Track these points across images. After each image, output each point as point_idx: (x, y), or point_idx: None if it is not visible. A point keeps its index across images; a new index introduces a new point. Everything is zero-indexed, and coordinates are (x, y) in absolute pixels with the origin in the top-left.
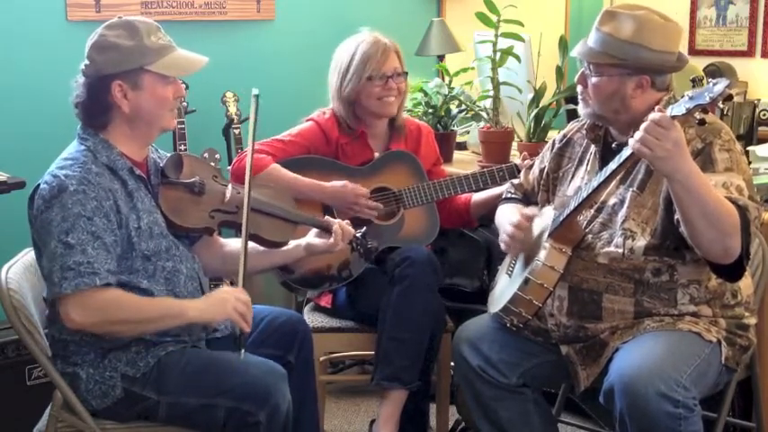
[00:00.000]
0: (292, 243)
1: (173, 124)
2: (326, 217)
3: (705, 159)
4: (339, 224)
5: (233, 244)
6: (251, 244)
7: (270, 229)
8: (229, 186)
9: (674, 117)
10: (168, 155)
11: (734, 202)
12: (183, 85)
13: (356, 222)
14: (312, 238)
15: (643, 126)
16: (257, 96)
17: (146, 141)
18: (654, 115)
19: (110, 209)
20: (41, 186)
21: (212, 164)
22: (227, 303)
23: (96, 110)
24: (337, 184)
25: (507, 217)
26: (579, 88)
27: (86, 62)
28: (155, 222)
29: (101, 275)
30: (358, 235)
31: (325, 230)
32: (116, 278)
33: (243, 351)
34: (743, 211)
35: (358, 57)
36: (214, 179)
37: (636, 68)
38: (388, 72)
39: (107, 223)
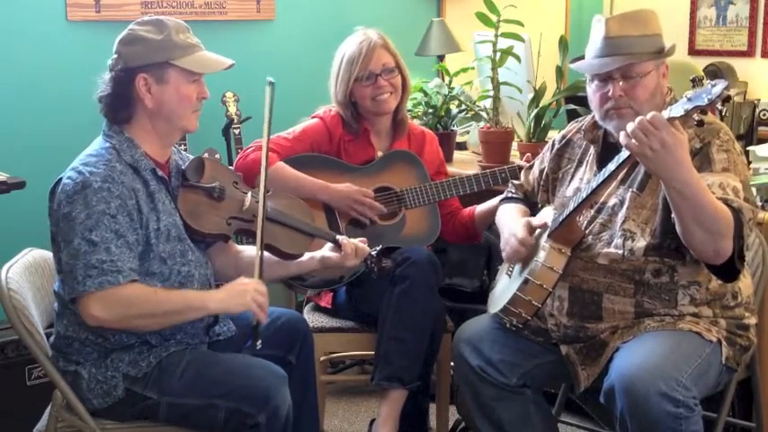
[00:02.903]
0: (307, 255)
1: (194, 125)
2: (340, 237)
3: (703, 159)
4: (353, 243)
5: (248, 251)
6: (267, 254)
7: (286, 241)
8: (249, 194)
9: (672, 118)
10: (191, 157)
11: (728, 204)
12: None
13: (357, 223)
14: (327, 251)
15: (637, 119)
16: (273, 84)
17: (167, 141)
18: (650, 114)
19: (132, 208)
20: (64, 181)
21: (231, 168)
22: (247, 294)
23: (120, 103)
24: (341, 185)
25: (512, 226)
26: (611, 104)
27: (114, 57)
28: (173, 225)
29: (124, 273)
30: (373, 253)
31: (340, 246)
32: (138, 276)
33: (260, 341)
34: (737, 213)
35: (345, 59)
36: (234, 186)
37: (663, 57)
38: (376, 70)
39: (130, 222)
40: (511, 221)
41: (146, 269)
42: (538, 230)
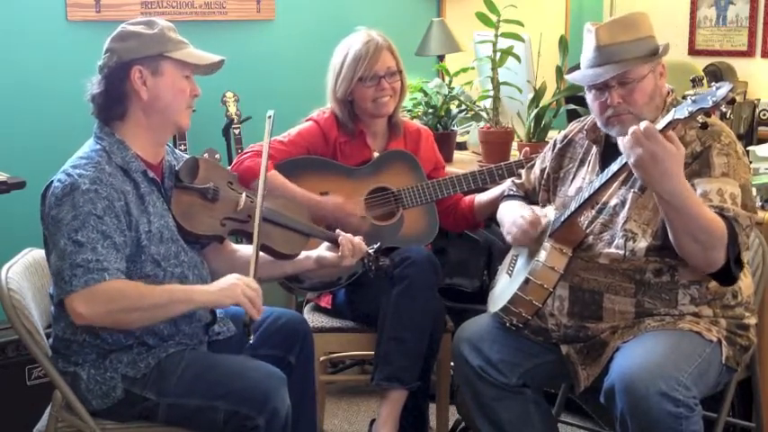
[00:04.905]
0: (303, 254)
1: (187, 123)
2: (337, 231)
3: (702, 163)
4: (350, 240)
5: (243, 250)
6: (262, 254)
7: (282, 241)
8: (243, 194)
9: (677, 120)
10: (185, 157)
11: (723, 214)
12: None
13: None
14: (323, 251)
15: (630, 129)
16: (272, 118)
17: (161, 138)
18: (643, 123)
19: (121, 210)
20: (54, 184)
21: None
22: (237, 288)
23: (113, 99)
24: (330, 202)
25: (517, 211)
26: (610, 111)
27: (105, 55)
28: (165, 227)
29: (110, 271)
30: (370, 251)
31: (337, 245)
32: (127, 277)
33: (251, 338)
34: (731, 223)
35: (349, 58)
36: (229, 186)
37: (658, 58)
38: (381, 72)
39: (117, 223)
40: (516, 209)
41: (138, 271)
42: (544, 221)
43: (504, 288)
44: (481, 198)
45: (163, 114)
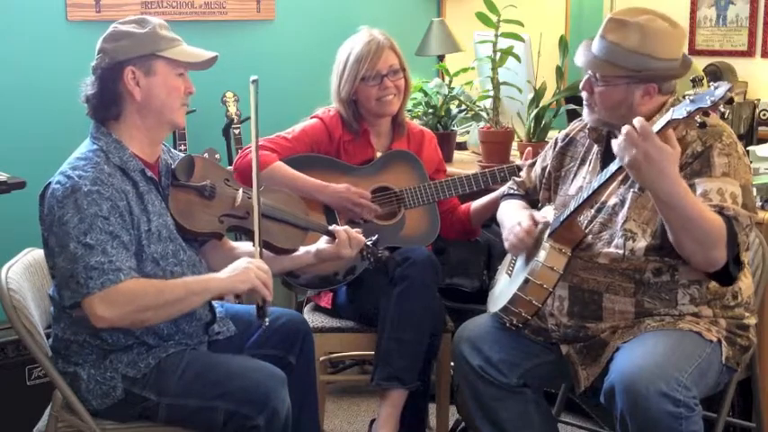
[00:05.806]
0: (302, 249)
1: (182, 120)
2: (333, 226)
3: (703, 163)
4: (348, 233)
5: (242, 247)
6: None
7: (280, 236)
8: (240, 191)
9: (674, 120)
10: (181, 155)
11: (723, 213)
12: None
13: (357, 222)
14: (322, 244)
15: (624, 128)
16: (256, 82)
17: (156, 137)
18: (636, 120)
19: (124, 209)
20: (54, 186)
21: (228, 168)
22: (250, 272)
23: (107, 100)
24: (339, 186)
25: (515, 216)
26: (584, 95)
27: (98, 56)
28: (164, 225)
29: (124, 271)
30: (369, 243)
31: (335, 238)
32: (137, 273)
33: (267, 319)
34: (730, 222)
35: (352, 58)
36: (225, 183)
37: (644, 78)
38: (383, 70)
39: (123, 222)
40: (514, 213)
41: (139, 270)
42: (540, 226)
43: (504, 288)
44: (477, 204)
45: (157, 114)
